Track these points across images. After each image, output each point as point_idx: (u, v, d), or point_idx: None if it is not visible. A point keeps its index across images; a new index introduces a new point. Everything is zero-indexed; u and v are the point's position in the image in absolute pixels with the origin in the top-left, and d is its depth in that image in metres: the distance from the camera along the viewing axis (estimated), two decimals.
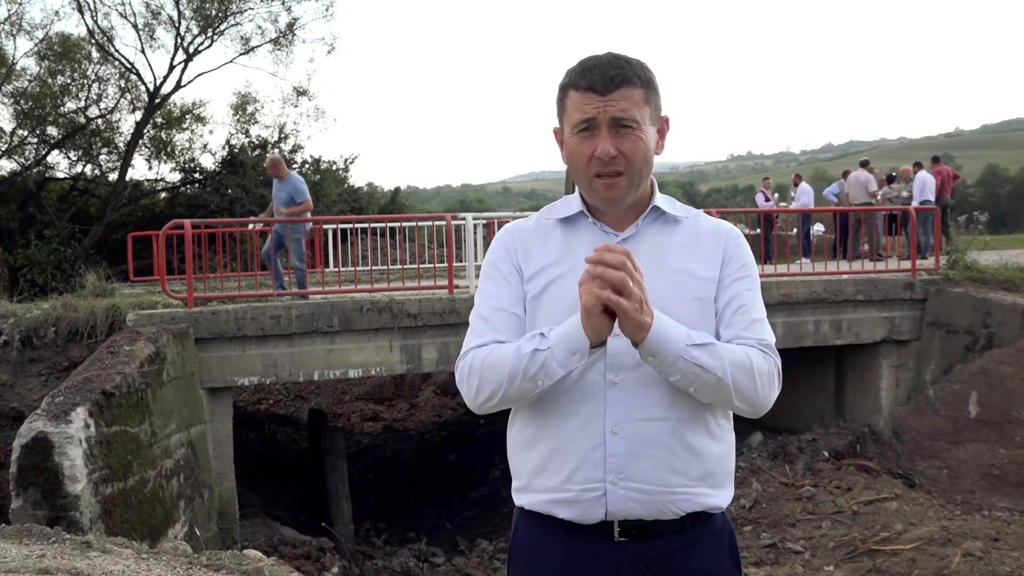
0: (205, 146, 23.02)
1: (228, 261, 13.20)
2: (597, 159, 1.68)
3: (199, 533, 6.95)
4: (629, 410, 1.67)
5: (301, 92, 21.74)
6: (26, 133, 19.95)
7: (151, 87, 19.83)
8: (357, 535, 9.88)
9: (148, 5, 19.39)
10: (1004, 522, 7.84)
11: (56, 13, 25.74)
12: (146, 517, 6.44)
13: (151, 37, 19.67)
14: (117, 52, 19.90)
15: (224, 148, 21.73)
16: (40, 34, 19.48)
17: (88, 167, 21.21)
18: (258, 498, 9.84)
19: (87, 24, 19.34)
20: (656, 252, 1.74)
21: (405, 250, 13.13)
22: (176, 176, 22.27)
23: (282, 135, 22.06)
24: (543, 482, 1.73)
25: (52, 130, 20.04)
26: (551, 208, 1.86)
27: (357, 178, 58.30)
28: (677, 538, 1.72)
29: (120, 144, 20.70)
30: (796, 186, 16.81)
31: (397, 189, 27.43)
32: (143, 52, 22.18)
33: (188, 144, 22.06)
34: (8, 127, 19.86)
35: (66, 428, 5.76)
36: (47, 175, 20.93)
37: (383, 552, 9.57)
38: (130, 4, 22.09)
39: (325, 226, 13.76)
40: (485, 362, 1.69)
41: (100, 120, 20.35)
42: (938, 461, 9.22)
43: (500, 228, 2.19)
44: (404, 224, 14.12)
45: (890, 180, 15.49)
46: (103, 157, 21.08)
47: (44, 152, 20.23)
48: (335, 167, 22.74)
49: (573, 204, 1.81)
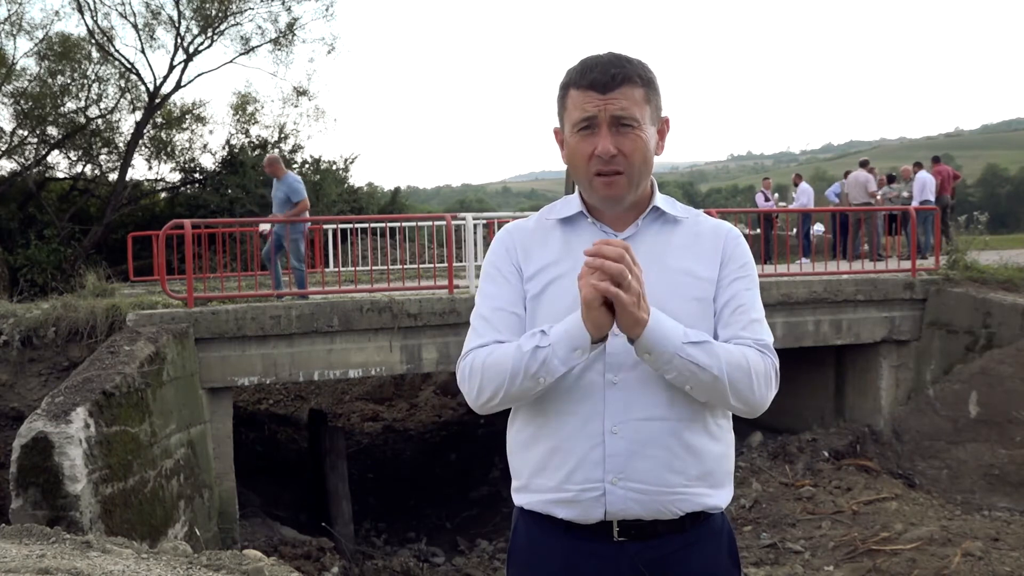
0: (205, 146, 23.09)
1: (228, 261, 13.21)
2: (597, 157, 1.68)
3: (199, 533, 6.95)
4: (628, 410, 1.67)
5: (301, 92, 21.77)
6: (26, 133, 19.97)
7: (151, 87, 19.88)
8: (357, 535, 9.88)
9: (148, 5, 19.45)
10: (1004, 522, 7.83)
11: (56, 13, 25.78)
12: (146, 517, 6.44)
13: (151, 37, 19.72)
14: (117, 52, 19.96)
15: (224, 148, 21.76)
16: (40, 34, 19.54)
17: (88, 167, 21.22)
18: (258, 498, 9.84)
19: (87, 24, 19.40)
20: (656, 252, 1.74)
21: (405, 250, 13.13)
22: (176, 176, 22.33)
23: (282, 135, 22.08)
24: (542, 482, 1.74)
25: (52, 130, 20.05)
26: (551, 208, 1.86)
27: (357, 178, 58.35)
28: (676, 538, 1.72)
29: (120, 144, 20.71)
30: (796, 186, 16.80)
31: (397, 189, 27.43)
32: (143, 52, 22.20)
33: (188, 144, 22.12)
34: (8, 127, 19.91)
35: (66, 428, 5.77)
36: (47, 175, 20.94)
37: (383, 552, 9.57)
38: (130, 4, 22.12)
39: (325, 226, 13.76)
40: (486, 362, 1.69)
41: (100, 120, 20.37)
42: (938, 461, 9.22)
43: (500, 228, 2.19)
44: (404, 224, 14.12)
45: (890, 180, 15.48)
46: (103, 157, 21.12)
47: (44, 152, 20.25)
48: (335, 167, 22.73)
49: (573, 204, 1.81)
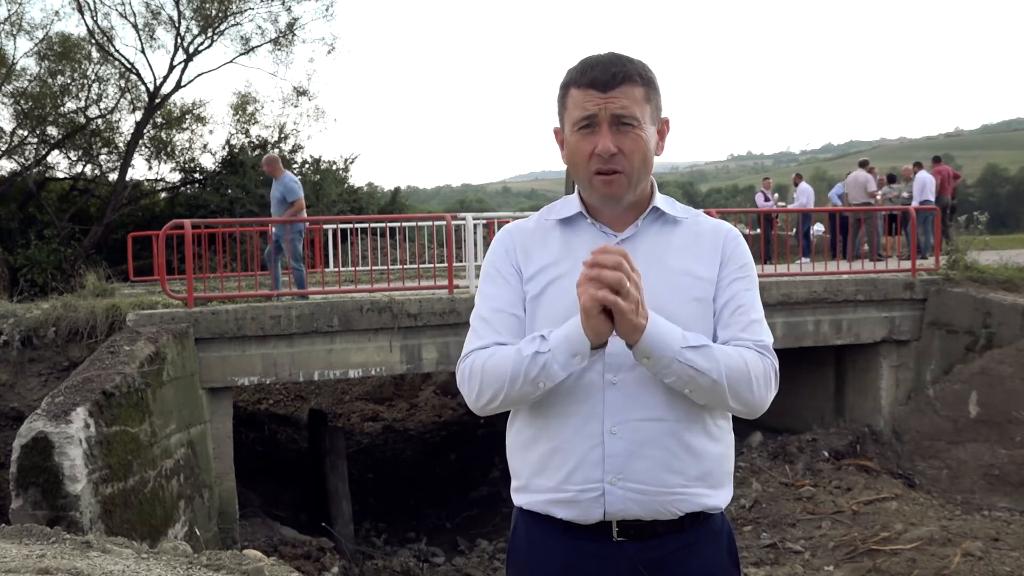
0: (205, 146, 23.11)
1: (228, 261, 13.20)
2: (597, 156, 1.68)
3: (199, 533, 6.95)
4: (627, 410, 1.67)
5: (301, 92, 21.77)
6: (26, 133, 19.97)
7: (151, 87, 19.88)
8: (357, 535, 9.88)
9: (148, 5, 19.45)
10: (1004, 522, 7.83)
11: (56, 13, 25.79)
12: (146, 517, 6.44)
13: (151, 37, 19.73)
14: (117, 52, 19.96)
15: (224, 148, 21.77)
16: (40, 34, 19.55)
17: (88, 167, 21.23)
18: (258, 498, 9.84)
19: (87, 24, 19.40)
20: (655, 252, 1.74)
21: (405, 250, 13.12)
22: (176, 176, 22.34)
23: (282, 135, 22.09)
24: (542, 482, 1.74)
25: (52, 130, 20.05)
26: (551, 208, 1.86)
27: (357, 178, 58.35)
28: (675, 538, 1.72)
29: (120, 144, 20.71)
30: (796, 186, 16.80)
31: (397, 189, 27.43)
32: (143, 52, 22.21)
33: (188, 144, 22.12)
34: (8, 127, 19.91)
35: (66, 428, 5.77)
36: (47, 175, 20.95)
37: (383, 552, 9.56)
38: (130, 4, 22.13)
39: (325, 226, 13.77)
40: (486, 365, 1.69)
41: (100, 120, 20.37)
42: (938, 461, 9.22)
43: (500, 228, 2.18)
44: (404, 224, 14.11)
45: (890, 180, 15.48)
46: (103, 157, 21.12)
47: (44, 152, 20.25)
48: (335, 167, 22.74)
49: (572, 205, 1.81)
